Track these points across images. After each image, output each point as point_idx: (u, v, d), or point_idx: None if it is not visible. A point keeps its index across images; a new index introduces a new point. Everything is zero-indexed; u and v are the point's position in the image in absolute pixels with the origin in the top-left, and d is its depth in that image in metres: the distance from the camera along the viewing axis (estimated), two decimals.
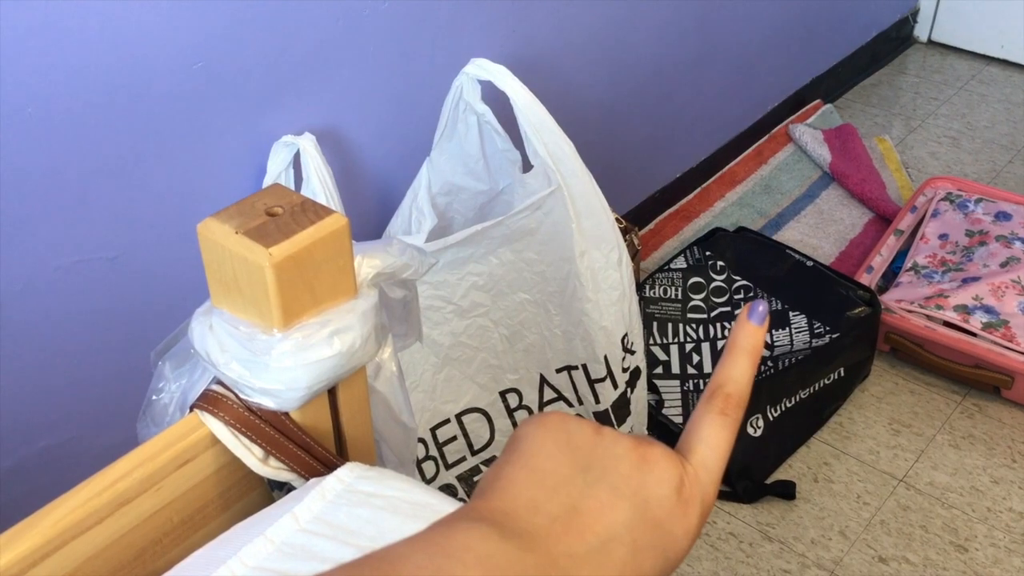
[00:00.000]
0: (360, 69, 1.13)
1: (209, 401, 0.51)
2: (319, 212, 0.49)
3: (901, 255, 1.70)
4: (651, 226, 1.87)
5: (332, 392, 0.54)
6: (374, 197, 1.25)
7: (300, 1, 1.03)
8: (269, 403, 0.50)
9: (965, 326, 1.48)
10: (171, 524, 0.51)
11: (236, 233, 0.48)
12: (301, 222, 0.48)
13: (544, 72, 1.42)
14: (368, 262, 0.53)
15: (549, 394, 1.24)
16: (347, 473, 0.50)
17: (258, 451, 0.51)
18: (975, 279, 1.55)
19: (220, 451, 0.51)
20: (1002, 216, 1.68)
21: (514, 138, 1.16)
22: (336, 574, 0.31)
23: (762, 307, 0.40)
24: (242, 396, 0.51)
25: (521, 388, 1.23)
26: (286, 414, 0.51)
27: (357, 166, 1.20)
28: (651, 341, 1.52)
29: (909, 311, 1.53)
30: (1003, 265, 1.57)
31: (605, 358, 1.21)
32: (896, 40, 2.39)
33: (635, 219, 1.79)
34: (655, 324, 1.54)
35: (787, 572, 1.26)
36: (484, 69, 1.09)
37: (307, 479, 0.53)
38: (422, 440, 1.17)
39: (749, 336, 0.39)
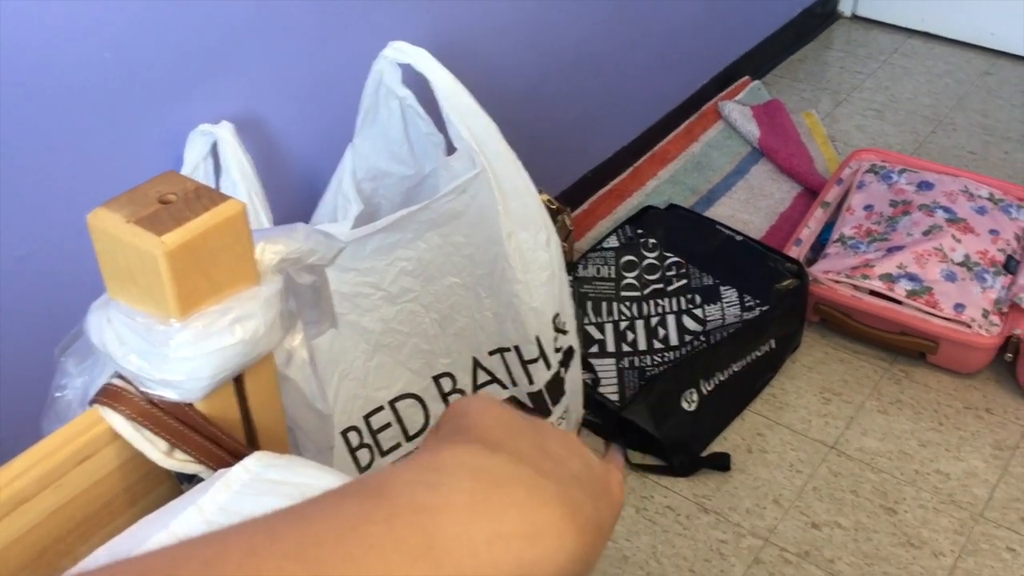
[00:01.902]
0: (277, 55, 1.12)
1: (108, 395, 0.50)
2: (214, 198, 0.48)
3: (829, 227, 1.73)
4: (585, 206, 1.88)
5: (239, 381, 0.53)
6: (299, 185, 1.23)
7: None
8: (171, 394, 0.49)
9: (890, 294, 1.52)
10: (74, 521, 0.49)
11: (127, 222, 0.47)
12: (195, 209, 0.47)
13: (468, 54, 1.42)
14: (271, 248, 0.52)
15: (483, 377, 1.24)
16: (254, 462, 0.50)
17: (162, 444, 0.50)
18: (899, 248, 1.58)
19: (122, 446, 0.50)
20: (924, 186, 1.72)
21: (437, 121, 1.15)
22: (328, 498, 0.30)
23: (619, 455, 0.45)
24: (143, 389, 0.50)
25: (454, 372, 1.23)
26: (190, 405, 0.51)
27: (279, 154, 1.19)
28: (586, 320, 1.53)
29: (836, 281, 1.56)
30: (926, 233, 1.61)
31: (537, 339, 1.21)
32: (821, 16, 2.42)
33: (568, 199, 1.80)
34: (589, 303, 1.55)
35: (723, 542, 1.28)
36: (403, 52, 1.08)
37: (216, 470, 0.52)
38: (356, 428, 1.16)
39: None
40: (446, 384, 1.23)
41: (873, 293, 1.54)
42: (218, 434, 0.52)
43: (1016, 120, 2.09)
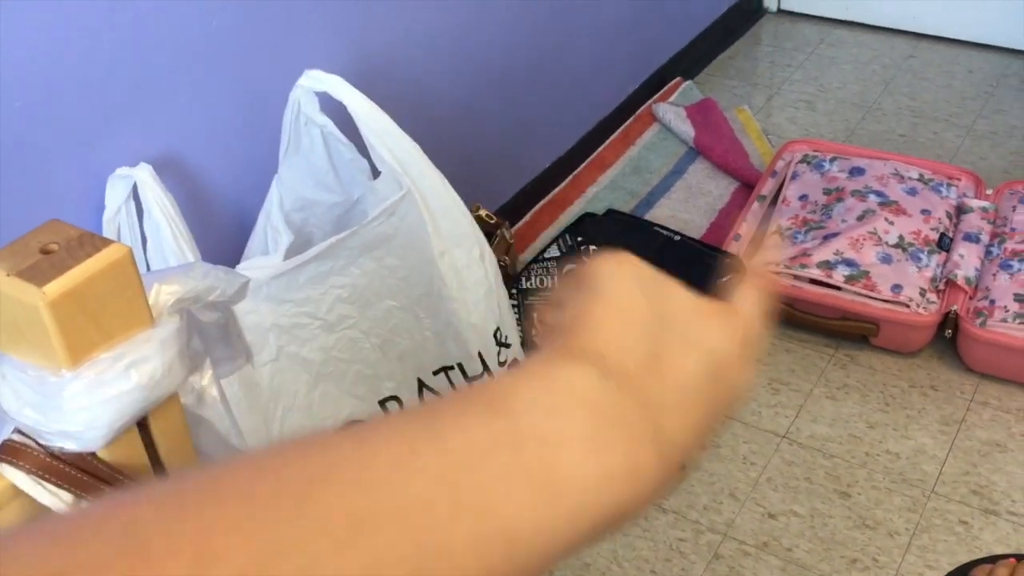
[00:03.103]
0: (194, 92, 1.11)
1: (8, 451, 0.49)
2: (97, 244, 0.48)
3: (768, 220, 1.75)
4: (527, 218, 1.88)
5: (144, 425, 0.53)
6: (228, 221, 1.22)
7: (120, 30, 1.01)
8: (71, 445, 0.49)
9: (829, 281, 1.54)
10: None
11: (8, 275, 0.46)
12: (77, 256, 0.47)
13: (392, 76, 1.42)
14: (166, 289, 0.52)
15: (429, 397, 1.24)
16: None
17: (67, 496, 0.50)
18: (835, 235, 1.61)
19: (27, 502, 0.50)
20: (856, 172, 1.75)
21: (360, 146, 1.15)
22: (452, 406, 0.30)
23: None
24: (42, 442, 0.49)
25: (400, 395, 1.22)
26: (92, 454, 0.50)
27: (205, 191, 1.18)
28: (533, 332, 1.53)
29: (776, 273, 1.58)
30: (859, 218, 1.63)
31: (479, 354, 1.22)
32: (747, 12, 2.46)
33: (509, 213, 1.80)
34: (536, 314, 1.55)
35: (683, 540, 1.29)
36: (318, 80, 1.08)
37: None
38: None
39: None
40: (392, 408, 1.22)
41: (813, 281, 1.56)
42: (125, 482, 0.51)
43: (942, 100, 2.13)
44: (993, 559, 0.82)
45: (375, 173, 1.16)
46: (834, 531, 1.28)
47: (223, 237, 1.22)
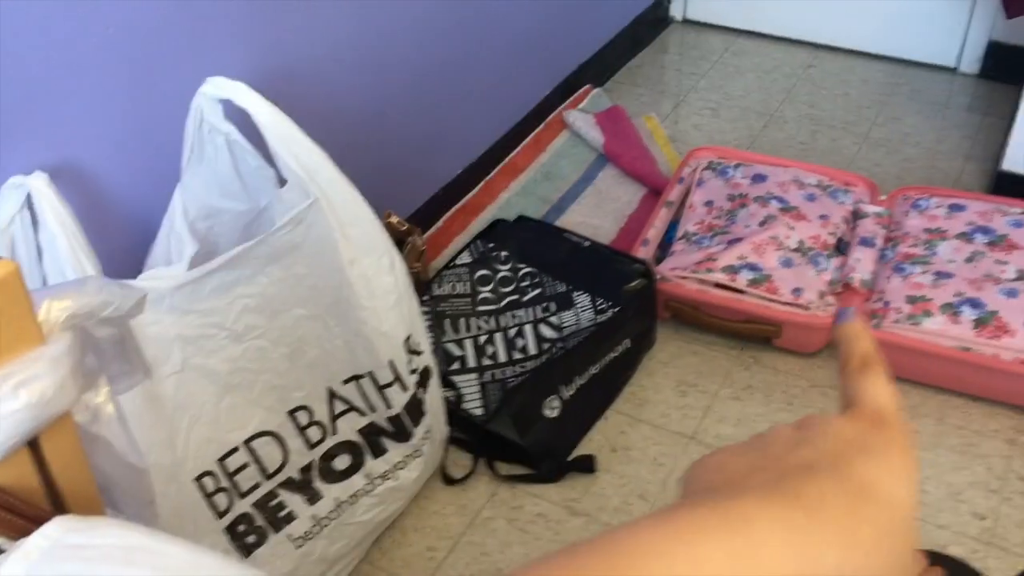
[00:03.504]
0: (91, 99, 1.08)
1: None
2: None
3: (674, 225, 1.79)
4: (439, 224, 1.89)
5: (35, 445, 0.51)
6: (130, 231, 1.20)
7: (11, 35, 0.97)
8: None
9: (733, 285, 1.58)
10: None
11: None
12: None
13: (300, 83, 1.41)
14: (57, 305, 0.51)
15: (339, 406, 1.23)
16: (54, 529, 0.48)
17: None
18: (739, 240, 1.65)
19: None
20: (758, 178, 1.80)
21: (267, 154, 1.14)
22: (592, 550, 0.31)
23: (849, 311, 0.43)
24: None
25: (310, 404, 1.21)
26: None
27: (105, 201, 1.15)
28: (445, 338, 1.54)
29: (683, 277, 1.61)
30: (762, 224, 1.68)
31: (391, 363, 1.21)
32: (654, 21, 2.51)
33: (421, 219, 1.81)
34: (447, 321, 1.56)
35: None
36: (221, 87, 1.07)
37: (17, 541, 0.50)
38: (211, 473, 1.13)
39: (849, 330, 0.41)
40: (302, 417, 1.21)
41: (718, 285, 1.60)
42: (15, 503, 0.50)
43: (840, 109, 2.21)
44: None
45: (282, 181, 1.15)
46: None
47: (124, 247, 1.19)
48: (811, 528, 0.31)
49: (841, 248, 1.67)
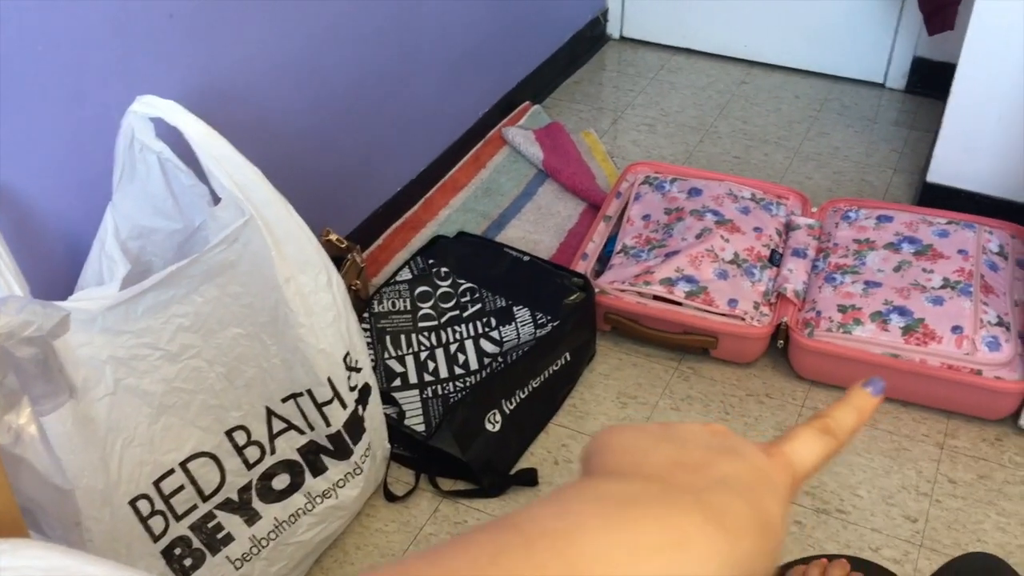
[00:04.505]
0: (19, 117, 1.07)
1: None
2: None
3: (613, 239, 1.82)
4: (380, 241, 1.88)
5: None
6: (61, 251, 1.18)
7: None
8: None
9: (671, 297, 1.61)
10: None
11: None
12: None
13: (236, 102, 1.40)
14: None
15: (278, 425, 1.22)
16: None
17: None
18: (676, 253, 1.68)
19: None
20: (694, 192, 1.84)
21: (200, 172, 1.13)
22: (461, 537, 0.29)
23: (881, 384, 0.41)
24: None
25: (248, 424, 1.20)
26: None
27: (34, 221, 1.13)
28: (386, 355, 1.53)
29: (622, 290, 1.64)
30: (698, 237, 1.71)
31: (329, 380, 1.21)
32: (591, 39, 2.55)
33: (361, 236, 1.80)
34: (388, 337, 1.56)
35: None
36: (152, 106, 1.06)
37: None
38: (146, 496, 1.12)
39: (863, 397, 0.40)
40: (240, 437, 1.20)
41: (656, 298, 1.62)
42: None
43: (772, 124, 2.26)
44: (806, 560, 0.88)
45: (216, 199, 1.14)
46: None
47: (55, 268, 1.17)
48: (731, 554, 0.31)
49: (775, 259, 1.70)
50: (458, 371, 1.52)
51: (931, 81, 2.27)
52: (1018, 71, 1.69)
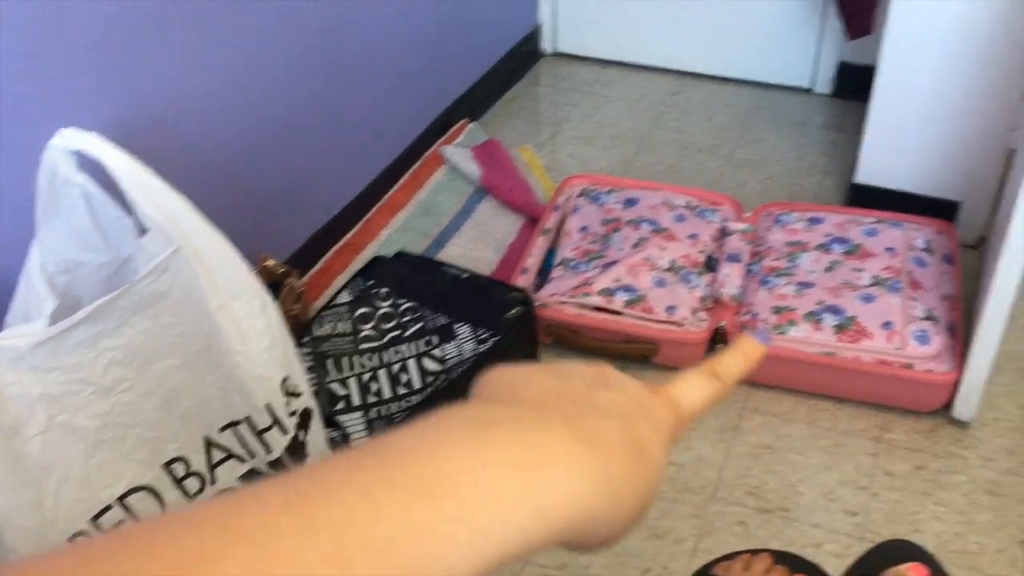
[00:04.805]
0: None
1: None
2: None
3: (552, 252, 1.83)
4: (320, 264, 1.88)
5: None
6: None
7: None
8: None
9: (610, 307, 1.63)
10: None
11: None
12: None
13: (162, 132, 1.39)
14: None
15: (218, 455, 1.21)
16: None
17: None
18: (614, 263, 1.70)
19: None
20: (630, 202, 1.86)
21: (126, 204, 1.12)
22: (320, 462, 0.29)
23: (767, 335, 0.43)
24: None
25: (186, 455, 1.19)
26: None
27: None
28: (328, 378, 1.53)
29: (562, 303, 1.65)
30: (635, 246, 1.74)
31: (268, 406, 1.20)
32: (525, 55, 2.57)
33: (301, 260, 1.80)
34: (330, 361, 1.55)
35: None
36: (72, 139, 1.05)
37: None
38: (84, 533, 1.10)
39: (750, 345, 0.42)
40: (179, 469, 1.19)
41: (596, 308, 1.64)
42: None
43: (705, 132, 2.30)
44: (731, 556, 0.90)
45: (143, 230, 1.13)
46: (627, 544, 1.35)
47: None
48: (599, 473, 0.31)
49: (711, 265, 1.73)
50: (402, 391, 1.52)
51: (856, 85, 2.33)
52: (935, 71, 1.75)
